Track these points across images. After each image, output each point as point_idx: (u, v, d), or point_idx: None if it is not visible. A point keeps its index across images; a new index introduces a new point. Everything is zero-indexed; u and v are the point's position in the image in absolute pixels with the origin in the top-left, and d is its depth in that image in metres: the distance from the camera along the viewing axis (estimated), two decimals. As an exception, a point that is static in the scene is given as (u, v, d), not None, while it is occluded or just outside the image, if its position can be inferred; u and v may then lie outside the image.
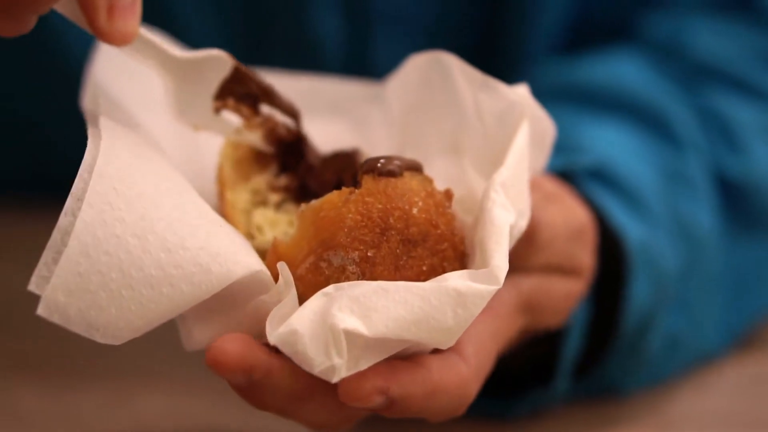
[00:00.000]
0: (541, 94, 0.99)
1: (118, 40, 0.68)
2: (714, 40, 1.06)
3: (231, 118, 0.79)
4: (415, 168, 0.72)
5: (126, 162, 0.67)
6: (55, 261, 0.64)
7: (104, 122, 0.69)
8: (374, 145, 0.83)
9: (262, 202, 0.78)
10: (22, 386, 0.97)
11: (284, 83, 0.82)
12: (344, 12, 1.13)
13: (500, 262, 0.68)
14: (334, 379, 0.66)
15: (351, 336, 0.66)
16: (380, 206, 0.70)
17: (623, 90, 1.01)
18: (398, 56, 1.14)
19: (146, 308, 0.66)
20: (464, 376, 0.71)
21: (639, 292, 0.90)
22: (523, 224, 0.72)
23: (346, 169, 0.78)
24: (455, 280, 0.67)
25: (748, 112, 1.02)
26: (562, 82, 1.04)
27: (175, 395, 0.96)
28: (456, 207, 0.73)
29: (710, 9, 1.08)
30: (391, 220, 0.69)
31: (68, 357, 1.02)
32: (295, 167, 0.80)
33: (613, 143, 0.96)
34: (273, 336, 0.66)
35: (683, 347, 0.96)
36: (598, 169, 0.92)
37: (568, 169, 0.91)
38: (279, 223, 0.77)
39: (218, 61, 0.76)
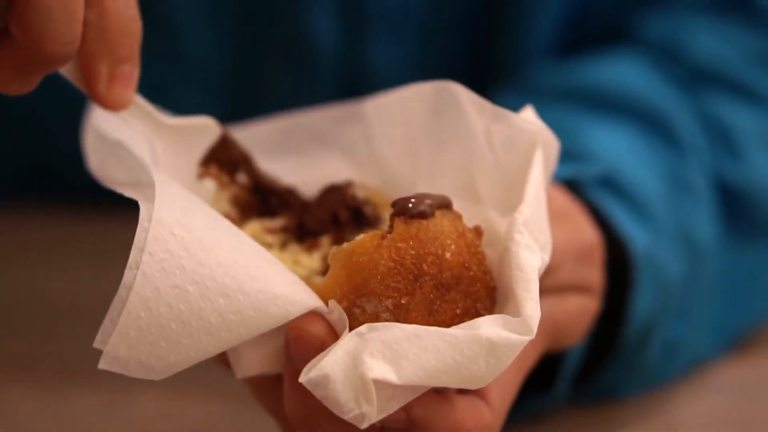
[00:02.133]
0: (540, 95, 0.98)
1: (115, 106, 0.70)
2: (712, 41, 1.06)
3: (209, 185, 0.81)
4: (446, 205, 0.71)
5: (181, 207, 0.68)
6: (119, 315, 0.65)
7: (154, 171, 0.69)
8: (363, 172, 0.82)
9: (266, 245, 0.78)
10: (15, 388, 0.96)
11: (261, 130, 0.83)
12: (338, 12, 1.11)
13: (532, 312, 0.67)
14: (364, 425, 0.66)
15: (381, 384, 0.66)
16: (413, 252, 0.69)
17: (625, 92, 1.01)
18: (393, 56, 1.13)
19: (204, 351, 0.67)
20: (487, 421, 0.72)
21: (643, 302, 0.90)
22: (546, 258, 0.72)
23: (339, 201, 0.77)
24: (488, 327, 0.67)
25: (747, 117, 1.02)
26: (562, 83, 1.04)
27: (170, 397, 0.95)
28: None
29: (708, 10, 1.07)
30: (425, 267, 0.69)
31: (62, 358, 1.01)
32: (284, 207, 0.79)
33: (618, 148, 0.96)
34: (305, 378, 0.66)
35: (682, 352, 0.97)
36: (606, 177, 0.92)
37: (576, 177, 0.90)
38: (285, 263, 0.76)
39: (206, 128, 0.78)
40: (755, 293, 1.03)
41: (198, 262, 0.66)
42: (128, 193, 0.69)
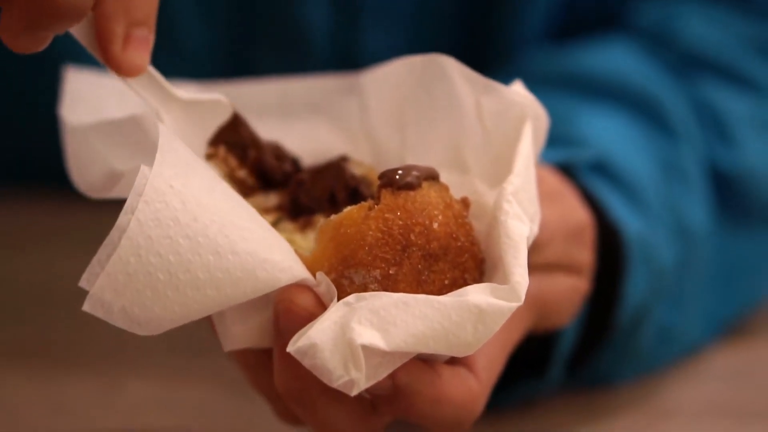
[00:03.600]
0: (534, 81, 0.98)
1: (129, 71, 0.69)
2: (704, 27, 1.06)
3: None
4: (432, 176, 0.71)
5: (183, 161, 0.68)
6: (109, 258, 0.65)
7: (159, 125, 0.69)
8: (355, 143, 0.82)
9: None
10: (9, 376, 0.96)
11: (257, 90, 0.83)
12: (332, 1, 1.11)
13: (520, 278, 0.68)
14: (353, 392, 0.66)
15: (369, 350, 0.66)
16: (401, 222, 0.69)
17: (618, 78, 1.01)
18: (386, 45, 1.13)
19: (189, 308, 0.67)
20: (473, 391, 0.72)
21: (636, 288, 0.90)
22: (535, 229, 0.72)
23: (336, 180, 0.77)
24: (476, 295, 0.67)
25: (739, 103, 1.02)
26: (555, 69, 1.04)
27: (162, 384, 0.96)
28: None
29: None
30: (412, 237, 0.69)
31: (56, 346, 1.01)
32: (280, 184, 0.79)
33: (612, 134, 0.96)
34: (293, 348, 0.66)
35: (674, 339, 0.97)
36: (599, 162, 0.92)
37: (569, 162, 0.91)
38: None
39: (218, 106, 0.77)
40: (747, 279, 1.03)
41: (193, 216, 0.66)
42: (117, 190, 0.69)
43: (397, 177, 0.70)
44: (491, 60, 1.15)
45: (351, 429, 0.71)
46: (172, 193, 0.66)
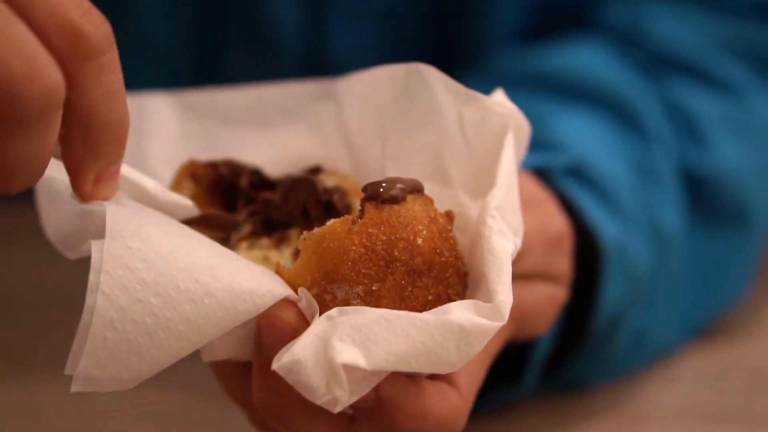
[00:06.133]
0: (506, 82, 0.97)
1: (99, 199, 0.67)
2: (675, 27, 1.06)
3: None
4: (417, 189, 0.70)
5: (134, 218, 0.67)
6: (86, 339, 0.64)
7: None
8: (331, 150, 0.81)
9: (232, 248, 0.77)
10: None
11: (230, 97, 0.82)
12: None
13: (504, 297, 0.67)
14: (337, 410, 0.66)
15: (350, 369, 0.65)
16: (384, 238, 0.68)
17: (590, 79, 1.00)
18: (357, 43, 1.12)
19: (174, 355, 0.66)
20: (456, 407, 0.71)
21: (612, 294, 0.90)
22: (519, 242, 0.71)
23: (308, 194, 0.76)
24: (459, 312, 0.66)
25: (710, 104, 1.02)
26: (527, 70, 1.03)
27: (136, 389, 0.93)
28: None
29: None
30: (396, 252, 0.68)
31: (28, 350, 1.01)
32: (246, 201, 0.78)
33: (587, 137, 0.95)
34: (277, 365, 0.65)
35: (649, 342, 0.97)
36: (575, 166, 0.92)
37: (545, 166, 0.90)
38: (255, 263, 0.75)
39: (185, 209, 0.76)
40: (721, 281, 1.03)
41: (158, 272, 0.65)
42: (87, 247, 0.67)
43: (381, 190, 0.69)
44: (463, 60, 1.14)
45: None
46: (132, 255, 0.65)
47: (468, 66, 1.13)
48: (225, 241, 0.76)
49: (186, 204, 0.75)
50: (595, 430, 0.92)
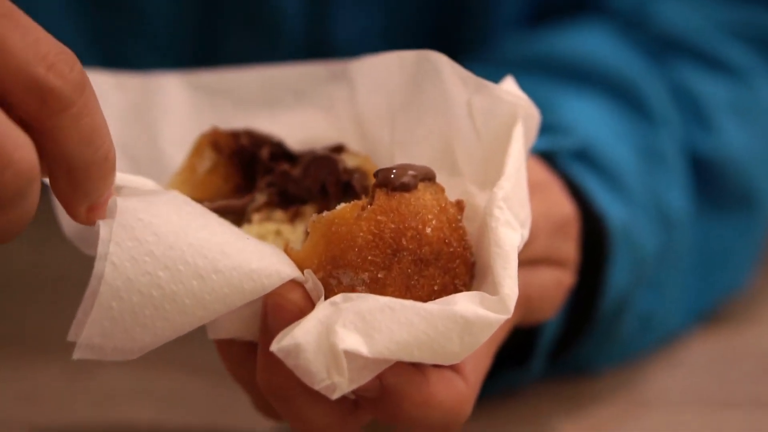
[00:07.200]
0: (510, 66, 0.97)
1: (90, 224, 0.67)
2: (680, 11, 1.05)
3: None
4: (429, 177, 0.70)
5: (145, 194, 0.67)
6: (91, 307, 0.64)
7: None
8: (343, 132, 0.80)
9: (247, 220, 0.76)
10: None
11: (238, 78, 0.81)
12: None
13: (510, 291, 0.66)
14: (335, 396, 0.65)
15: (351, 356, 0.65)
16: (393, 226, 0.68)
17: (595, 63, 1.00)
18: (358, 26, 1.11)
19: (179, 329, 0.66)
20: (462, 394, 0.71)
21: (619, 277, 0.90)
22: (526, 234, 0.71)
23: (329, 172, 0.75)
24: (464, 304, 0.66)
25: (716, 87, 1.02)
26: (532, 53, 1.02)
27: (136, 371, 0.94)
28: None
29: None
30: (404, 241, 0.68)
31: (27, 333, 1.00)
32: (266, 173, 0.77)
33: (593, 120, 0.95)
34: (276, 347, 0.65)
35: (655, 326, 0.97)
36: (581, 149, 0.91)
37: (551, 150, 0.89)
38: (266, 236, 0.75)
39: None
40: (726, 265, 1.02)
41: (168, 245, 0.65)
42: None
43: (392, 177, 0.68)
44: (466, 44, 1.13)
45: (329, 428, 0.71)
46: (142, 227, 0.65)
47: (472, 51, 1.11)
48: (239, 215, 0.76)
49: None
50: (601, 414, 0.91)
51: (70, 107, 0.61)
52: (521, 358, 0.89)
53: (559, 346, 0.91)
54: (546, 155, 0.89)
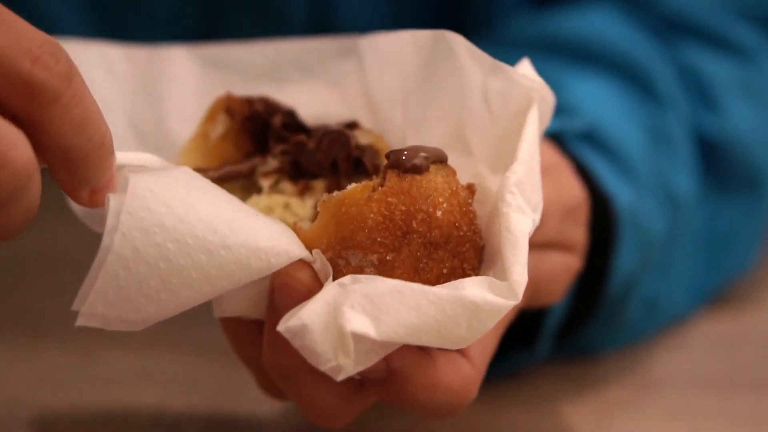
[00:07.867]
0: (517, 47, 0.96)
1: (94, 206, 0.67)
2: None
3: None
4: (441, 159, 0.69)
5: (156, 169, 0.67)
6: (98, 275, 0.64)
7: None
8: (352, 109, 0.79)
9: (256, 190, 0.76)
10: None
11: (246, 52, 0.81)
12: None
13: (519, 277, 0.66)
14: (340, 377, 0.65)
15: (359, 338, 0.65)
16: (403, 208, 0.67)
17: (602, 43, 0.99)
18: (364, 11, 1.10)
19: (184, 304, 0.66)
20: (468, 377, 0.71)
21: (626, 260, 0.89)
22: (537, 219, 0.70)
23: (341, 148, 0.74)
24: (473, 289, 0.66)
25: (723, 68, 1.01)
26: (539, 35, 1.02)
27: (141, 352, 0.94)
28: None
29: None
30: (414, 224, 0.67)
31: (32, 313, 1.00)
32: (278, 141, 0.77)
33: (600, 101, 0.94)
34: (283, 327, 0.65)
35: (661, 308, 0.96)
36: (589, 131, 0.91)
37: (560, 131, 0.89)
38: (275, 208, 0.74)
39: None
40: (733, 247, 1.02)
41: (178, 218, 0.65)
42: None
43: (404, 158, 0.68)
44: (473, 26, 1.12)
45: (335, 408, 0.71)
46: (153, 198, 0.64)
47: (479, 33, 1.11)
48: (249, 178, 0.76)
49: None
50: (607, 397, 0.91)
51: (59, 99, 0.61)
52: (527, 339, 0.89)
53: (565, 328, 0.91)
54: (553, 136, 0.89)
